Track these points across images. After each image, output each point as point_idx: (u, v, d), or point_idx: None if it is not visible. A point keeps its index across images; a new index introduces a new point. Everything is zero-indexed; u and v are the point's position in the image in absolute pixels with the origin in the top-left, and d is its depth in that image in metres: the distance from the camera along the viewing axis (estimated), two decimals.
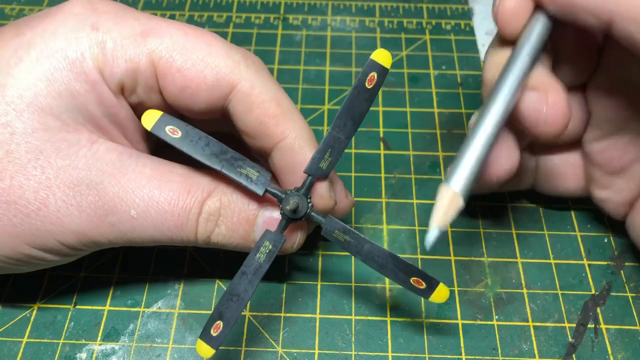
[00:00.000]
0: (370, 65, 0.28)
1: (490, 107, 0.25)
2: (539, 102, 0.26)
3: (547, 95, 0.26)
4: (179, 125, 0.28)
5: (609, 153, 0.32)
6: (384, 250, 0.28)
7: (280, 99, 0.29)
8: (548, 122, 0.26)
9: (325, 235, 0.28)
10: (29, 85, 0.26)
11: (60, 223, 0.26)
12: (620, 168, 0.32)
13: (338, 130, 0.28)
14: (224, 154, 0.28)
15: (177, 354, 0.31)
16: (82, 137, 0.27)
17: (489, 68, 0.29)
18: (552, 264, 0.35)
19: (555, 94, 0.26)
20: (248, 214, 0.29)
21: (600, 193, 0.33)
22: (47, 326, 0.32)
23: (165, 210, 0.27)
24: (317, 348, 0.31)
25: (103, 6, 0.28)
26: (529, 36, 0.26)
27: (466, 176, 0.24)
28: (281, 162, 0.29)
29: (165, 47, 0.28)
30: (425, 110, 0.43)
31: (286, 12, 0.50)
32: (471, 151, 0.24)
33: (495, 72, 0.27)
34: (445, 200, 0.24)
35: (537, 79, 0.26)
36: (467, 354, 0.31)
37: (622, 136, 0.31)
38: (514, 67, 0.26)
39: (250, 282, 0.27)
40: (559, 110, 0.26)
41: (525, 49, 0.26)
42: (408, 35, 0.48)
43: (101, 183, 0.27)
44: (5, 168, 0.26)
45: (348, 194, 0.33)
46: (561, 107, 0.26)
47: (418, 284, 0.28)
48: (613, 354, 0.31)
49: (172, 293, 0.33)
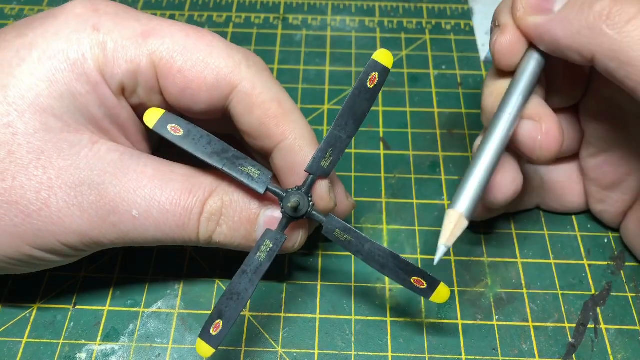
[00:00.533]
0: (372, 65, 0.28)
1: (491, 135, 0.28)
2: (535, 130, 0.28)
3: (541, 124, 0.28)
4: (181, 123, 0.28)
5: (603, 169, 0.33)
6: (384, 249, 0.28)
7: (282, 99, 0.29)
8: (543, 147, 0.28)
9: (326, 234, 0.28)
10: (31, 86, 0.26)
11: (62, 223, 0.26)
12: (614, 182, 0.33)
13: (339, 129, 0.28)
14: (226, 152, 0.28)
15: (177, 354, 0.31)
16: (83, 138, 0.27)
17: (487, 97, 0.31)
18: (552, 264, 0.35)
19: (549, 123, 0.28)
20: (250, 213, 0.29)
21: (596, 206, 0.35)
22: (47, 326, 0.32)
23: (167, 210, 0.27)
24: (317, 348, 0.31)
25: (104, 7, 0.28)
26: (524, 71, 0.29)
27: (470, 199, 0.27)
28: (282, 162, 0.29)
29: (166, 48, 0.28)
30: (425, 110, 0.43)
31: (286, 12, 0.50)
32: (474, 176, 0.27)
33: (494, 101, 0.30)
34: (452, 222, 0.26)
35: (532, 109, 0.28)
36: (467, 354, 0.31)
37: (615, 153, 0.33)
38: (511, 99, 0.28)
39: (250, 281, 0.27)
40: (552, 137, 0.28)
41: (521, 83, 0.28)
42: (408, 35, 0.48)
43: (103, 183, 0.27)
44: (7, 168, 0.26)
45: (348, 196, 0.33)
46: (554, 134, 0.28)
47: (419, 283, 0.28)
48: (613, 354, 0.31)
49: (172, 293, 0.33)
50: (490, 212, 0.35)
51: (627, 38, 0.24)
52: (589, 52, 0.26)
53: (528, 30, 0.28)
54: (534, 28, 0.28)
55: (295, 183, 0.29)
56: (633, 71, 0.24)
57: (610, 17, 0.25)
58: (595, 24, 0.25)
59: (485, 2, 0.51)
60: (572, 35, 0.26)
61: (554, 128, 0.28)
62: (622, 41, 0.24)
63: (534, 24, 0.28)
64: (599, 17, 0.25)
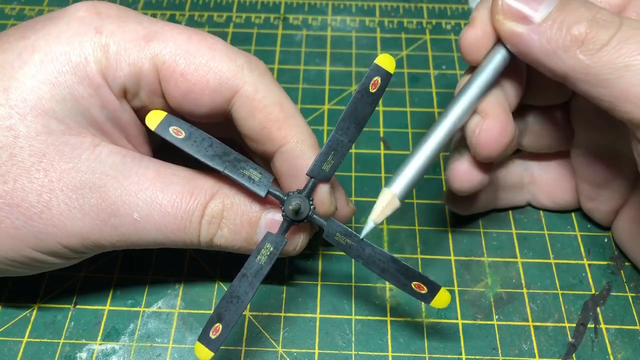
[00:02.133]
0: (375, 69, 0.28)
1: (438, 124, 0.28)
2: (477, 124, 0.28)
3: (484, 120, 0.28)
4: (183, 125, 0.28)
5: (594, 166, 0.33)
6: (385, 253, 0.28)
7: (284, 103, 0.29)
8: (479, 144, 0.28)
9: (327, 238, 0.28)
10: (33, 88, 0.26)
11: (63, 226, 0.26)
12: (604, 180, 0.33)
13: (341, 133, 0.28)
14: (227, 155, 0.28)
15: (177, 353, 0.31)
16: (85, 141, 0.27)
17: (456, 90, 0.31)
18: (552, 264, 0.35)
19: (492, 120, 0.28)
20: (251, 216, 0.29)
21: (587, 204, 0.35)
22: (47, 326, 0.32)
23: (168, 212, 0.27)
24: (317, 348, 0.31)
25: (107, 10, 0.28)
26: (486, 65, 0.29)
27: (405, 181, 0.27)
28: (283, 166, 0.29)
29: (169, 51, 0.28)
30: (425, 110, 0.43)
31: (286, 12, 0.50)
32: (413, 161, 0.28)
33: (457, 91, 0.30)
34: (385, 200, 0.27)
35: (483, 105, 0.29)
36: (467, 354, 0.31)
37: (605, 151, 0.33)
38: (466, 91, 0.29)
39: (250, 284, 0.27)
40: (490, 136, 0.28)
41: (481, 77, 0.29)
42: (408, 35, 0.48)
43: (104, 186, 0.27)
44: (9, 171, 0.26)
45: (349, 202, 0.33)
46: (493, 133, 0.28)
47: (419, 288, 0.28)
48: (613, 354, 0.31)
49: (172, 293, 0.33)
50: (475, 207, 0.35)
51: (599, 63, 0.25)
52: (561, 71, 0.26)
53: (505, 35, 0.28)
54: (511, 35, 0.28)
55: (297, 187, 0.29)
56: (605, 92, 0.25)
57: (585, 43, 0.25)
58: (571, 48, 0.25)
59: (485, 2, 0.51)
60: (547, 53, 0.26)
61: (495, 127, 0.28)
62: (592, 66, 0.25)
63: (512, 31, 0.27)
64: (575, 42, 0.25)
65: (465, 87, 0.29)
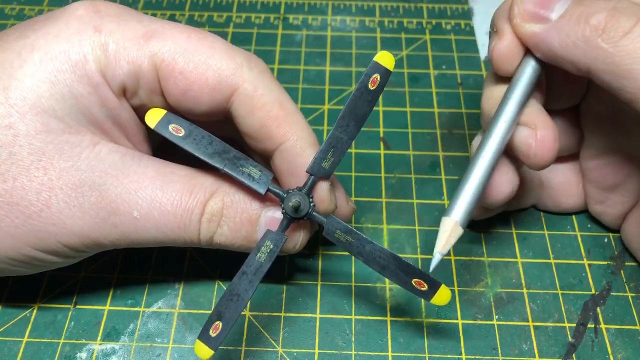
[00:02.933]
0: (374, 66, 0.28)
1: (487, 142, 0.28)
2: (530, 137, 0.28)
3: (536, 131, 0.28)
4: (182, 123, 0.28)
5: (603, 170, 0.33)
6: (385, 250, 0.28)
7: (283, 101, 0.29)
8: (537, 155, 0.28)
9: (327, 235, 0.28)
10: (32, 87, 0.26)
11: (63, 224, 0.26)
12: (613, 184, 0.33)
13: (341, 131, 0.28)
14: (227, 153, 0.28)
15: (177, 353, 0.31)
16: (84, 139, 0.27)
17: (486, 100, 0.31)
18: (552, 264, 0.35)
19: (544, 130, 0.28)
20: (250, 213, 0.29)
21: (596, 207, 0.35)
22: (47, 326, 0.32)
23: (167, 211, 0.27)
24: (317, 348, 0.31)
25: (106, 8, 0.28)
26: (520, 77, 0.29)
27: (465, 207, 0.27)
28: (283, 164, 0.29)
29: (168, 49, 0.28)
30: (425, 110, 0.43)
31: (286, 12, 0.50)
32: (469, 184, 0.28)
33: (492, 105, 0.30)
34: (447, 230, 0.27)
35: (528, 116, 0.29)
36: (467, 354, 0.31)
37: (615, 154, 0.33)
38: (507, 106, 0.29)
39: (250, 282, 0.27)
40: (547, 145, 0.28)
41: (518, 89, 0.29)
42: (408, 35, 0.48)
43: (104, 184, 0.27)
44: (8, 170, 0.26)
45: (349, 200, 0.33)
46: (548, 142, 0.28)
47: (420, 285, 0.28)
48: (613, 354, 0.31)
49: (172, 293, 0.33)
50: (488, 212, 0.35)
51: (622, 52, 0.24)
52: (584, 64, 0.26)
53: (525, 37, 0.28)
54: (530, 36, 0.28)
55: (296, 184, 0.29)
56: (628, 84, 0.25)
57: (606, 31, 0.25)
58: (591, 38, 0.25)
59: (485, 2, 0.51)
60: (567, 47, 0.26)
61: (548, 136, 0.28)
62: (616, 55, 0.25)
63: (531, 32, 0.28)
64: (595, 31, 0.25)
65: (503, 102, 0.29)
